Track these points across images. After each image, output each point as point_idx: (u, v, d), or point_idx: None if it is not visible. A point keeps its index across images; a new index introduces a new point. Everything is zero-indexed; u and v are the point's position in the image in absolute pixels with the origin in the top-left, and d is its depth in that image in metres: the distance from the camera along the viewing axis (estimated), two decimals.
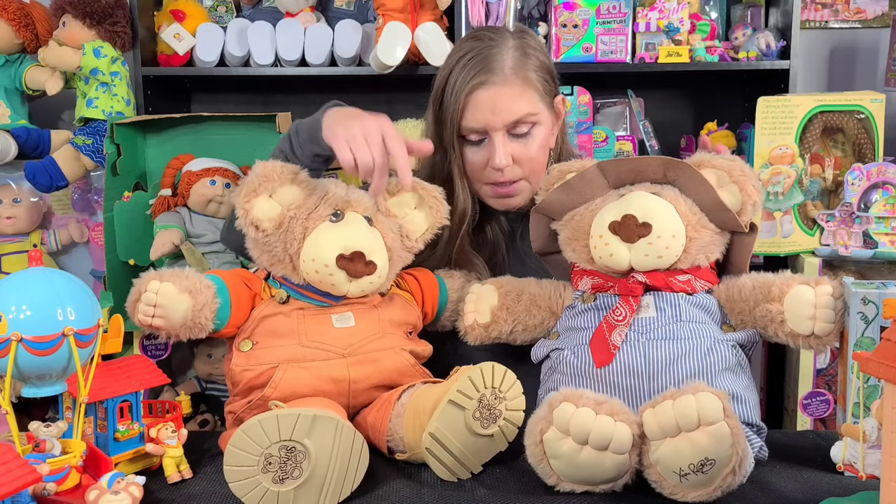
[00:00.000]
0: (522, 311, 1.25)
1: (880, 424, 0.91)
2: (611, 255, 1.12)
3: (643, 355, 1.09)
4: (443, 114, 1.41)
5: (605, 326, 1.12)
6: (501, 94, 1.38)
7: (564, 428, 0.96)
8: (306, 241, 1.14)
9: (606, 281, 1.16)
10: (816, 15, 2.54)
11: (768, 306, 1.11)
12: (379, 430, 1.12)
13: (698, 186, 1.13)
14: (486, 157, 1.40)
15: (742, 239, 1.18)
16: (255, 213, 1.14)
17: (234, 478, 0.93)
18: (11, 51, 2.16)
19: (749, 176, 1.14)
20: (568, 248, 1.21)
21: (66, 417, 1.07)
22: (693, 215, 1.14)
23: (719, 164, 1.15)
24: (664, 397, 0.95)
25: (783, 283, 1.12)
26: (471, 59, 1.39)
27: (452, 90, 1.39)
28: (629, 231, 1.10)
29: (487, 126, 1.38)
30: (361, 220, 1.17)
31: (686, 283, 1.14)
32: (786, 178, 1.89)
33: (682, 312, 1.12)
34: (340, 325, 1.17)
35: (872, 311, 1.06)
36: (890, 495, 0.78)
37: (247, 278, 1.20)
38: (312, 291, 1.17)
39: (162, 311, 1.10)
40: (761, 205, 1.16)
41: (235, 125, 1.68)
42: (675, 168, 1.15)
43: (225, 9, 2.36)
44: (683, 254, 1.13)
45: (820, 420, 1.89)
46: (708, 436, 0.91)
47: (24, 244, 2.21)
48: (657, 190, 1.15)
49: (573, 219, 1.19)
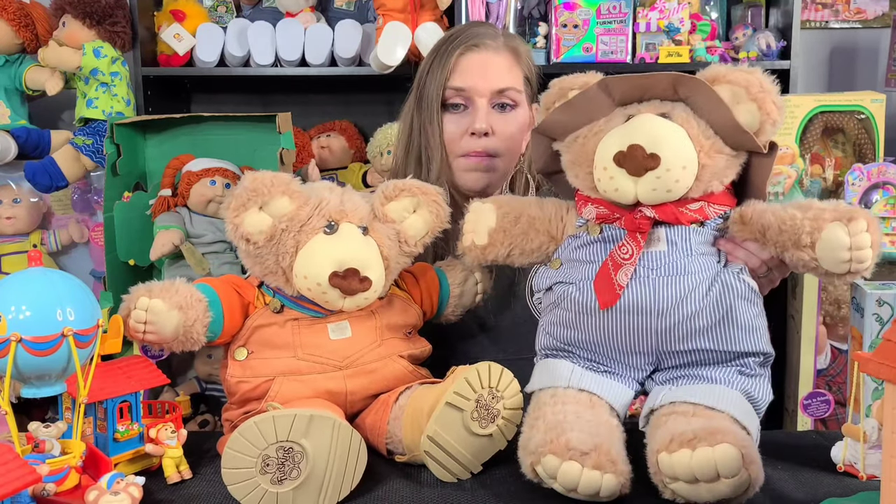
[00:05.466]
0: (519, 234, 1.17)
1: (880, 425, 0.91)
2: (616, 190, 1.03)
3: (652, 292, 1.02)
4: (427, 83, 1.45)
5: (611, 264, 1.05)
6: (492, 61, 1.44)
7: (552, 476, 0.94)
8: (299, 256, 1.11)
9: (612, 212, 1.07)
10: (817, 15, 2.54)
11: (799, 253, 1.01)
12: (378, 432, 1.12)
13: (712, 105, 1.02)
14: (467, 126, 1.44)
15: (760, 160, 1.07)
16: (246, 227, 1.10)
17: (233, 480, 0.93)
18: (11, 51, 2.16)
19: (769, 91, 1.03)
20: (571, 173, 1.11)
21: (66, 418, 1.07)
22: (706, 139, 1.03)
23: (735, 79, 1.03)
24: (678, 442, 0.92)
25: (813, 224, 1.00)
26: (463, 33, 1.46)
27: (442, 55, 1.43)
28: (636, 163, 1.00)
29: (474, 89, 1.42)
30: (356, 232, 1.14)
31: (698, 212, 1.05)
32: (786, 179, 1.89)
33: (694, 245, 1.05)
34: (336, 337, 1.14)
35: (887, 313, 1.04)
36: (890, 495, 0.78)
37: (239, 286, 1.17)
38: (307, 302, 1.14)
39: (153, 327, 1.07)
40: (781, 123, 1.04)
41: (235, 125, 1.67)
42: (687, 84, 1.04)
43: (225, 9, 2.36)
44: (695, 182, 1.03)
45: (820, 420, 1.88)
46: (727, 486, 0.90)
47: (24, 244, 2.21)
48: (667, 110, 1.05)
49: (576, 141, 1.10)
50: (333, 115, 2.48)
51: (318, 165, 2.30)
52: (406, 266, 1.23)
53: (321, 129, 2.43)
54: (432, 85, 1.44)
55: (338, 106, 2.51)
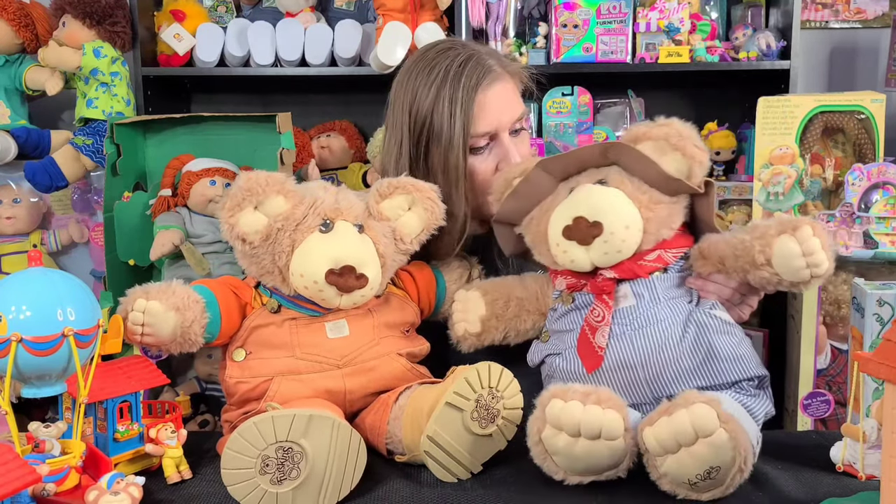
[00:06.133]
0: (512, 317, 1.23)
1: (880, 425, 0.91)
2: (572, 262, 1.10)
3: (631, 346, 1.07)
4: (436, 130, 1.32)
5: (588, 328, 1.11)
6: (504, 91, 1.37)
7: (557, 424, 0.96)
8: (295, 255, 1.11)
9: (578, 280, 1.14)
10: (817, 15, 2.54)
11: (760, 272, 1.06)
12: (377, 432, 1.12)
13: (640, 163, 1.09)
14: (495, 162, 1.37)
15: (700, 199, 1.14)
16: (241, 227, 1.11)
17: (232, 480, 0.93)
18: (11, 51, 2.16)
19: (688, 138, 1.10)
20: (535, 252, 1.19)
21: (66, 418, 1.07)
22: (643, 194, 1.10)
23: (655, 134, 1.11)
24: (659, 413, 0.96)
25: (762, 243, 1.05)
26: (460, 67, 1.33)
27: (453, 102, 1.32)
28: (582, 234, 1.07)
29: (499, 126, 1.36)
30: (352, 230, 1.14)
31: (656, 261, 1.11)
32: (786, 179, 1.89)
33: (661, 293, 1.10)
34: (334, 335, 1.15)
35: (887, 313, 1.05)
36: (890, 495, 0.78)
37: (236, 286, 1.17)
38: (304, 301, 1.14)
39: (150, 328, 1.08)
40: (707, 162, 1.11)
41: (235, 125, 1.67)
42: (614, 149, 1.11)
43: (225, 9, 2.36)
44: (644, 235, 1.09)
45: (820, 420, 1.88)
46: (708, 446, 0.92)
47: (24, 244, 2.22)
48: (603, 175, 1.12)
49: (531, 222, 1.18)
50: (333, 115, 2.48)
51: (318, 165, 2.30)
52: (402, 264, 1.23)
53: (321, 129, 2.43)
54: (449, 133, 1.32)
55: (338, 106, 2.51)
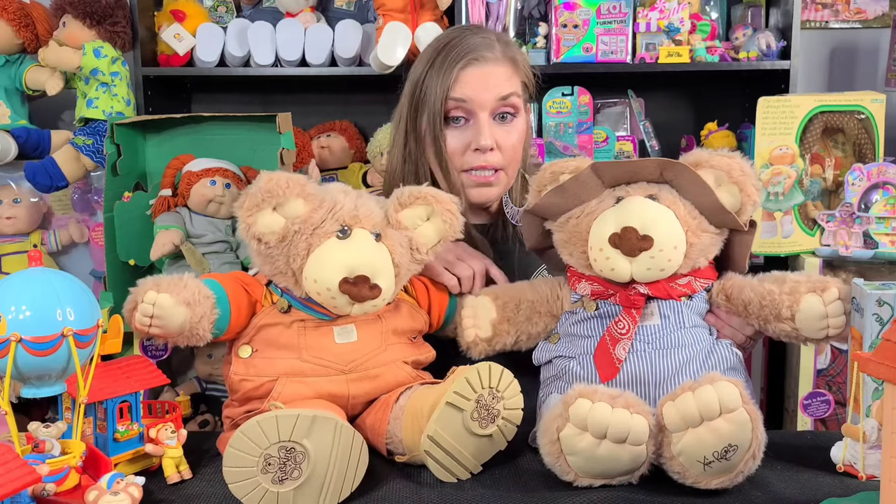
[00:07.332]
0: (524, 320, 1.22)
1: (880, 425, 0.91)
2: (612, 269, 1.09)
3: (649, 364, 1.08)
4: (424, 95, 1.40)
5: (609, 339, 1.10)
6: (493, 73, 1.40)
7: (582, 424, 0.96)
8: (310, 259, 1.10)
9: (607, 288, 1.13)
10: (817, 15, 2.54)
11: (781, 325, 1.11)
12: (378, 432, 1.12)
13: (696, 188, 1.09)
14: (469, 140, 1.40)
15: (741, 237, 1.14)
16: (258, 227, 1.10)
17: (234, 479, 0.93)
18: (11, 51, 2.16)
19: (749, 175, 1.10)
20: (565, 252, 1.17)
21: (66, 418, 1.07)
22: (692, 219, 1.10)
23: (717, 164, 1.11)
24: (682, 389, 0.96)
25: (791, 299, 1.09)
26: (460, 44, 1.40)
27: (441, 66, 1.39)
28: (630, 245, 1.06)
29: (476, 101, 1.39)
30: (369, 238, 1.12)
31: (686, 286, 1.12)
32: (786, 179, 1.89)
33: (686, 319, 1.12)
34: (342, 340, 1.14)
35: (887, 313, 1.05)
36: (890, 496, 0.78)
37: (247, 283, 1.17)
38: (314, 304, 1.13)
39: (159, 321, 1.07)
40: (760, 203, 1.13)
41: (235, 125, 1.67)
42: (673, 169, 1.11)
43: (225, 9, 2.36)
44: (684, 259, 1.10)
45: (820, 420, 1.88)
46: (729, 423, 0.93)
47: (24, 244, 2.22)
48: (654, 191, 1.11)
49: (569, 222, 1.15)
50: (333, 115, 2.49)
51: (318, 165, 2.30)
52: (415, 273, 1.21)
53: (321, 129, 2.43)
54: (432, 96, 1.39)
55: (338, 106, 2.51)
